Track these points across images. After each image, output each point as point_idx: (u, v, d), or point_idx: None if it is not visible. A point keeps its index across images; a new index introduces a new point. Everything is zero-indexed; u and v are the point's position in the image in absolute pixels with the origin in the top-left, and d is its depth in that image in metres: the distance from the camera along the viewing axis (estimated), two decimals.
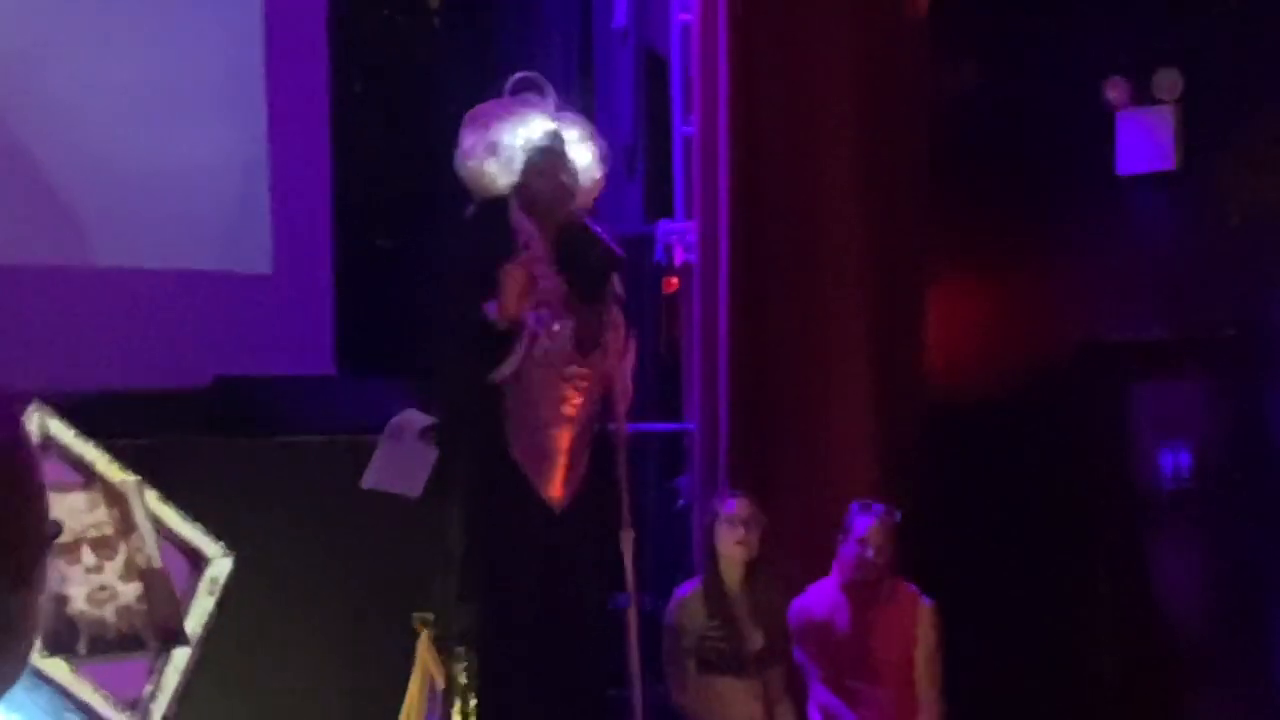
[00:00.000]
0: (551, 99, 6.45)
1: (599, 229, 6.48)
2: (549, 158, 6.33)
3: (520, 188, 6.29)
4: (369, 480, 6.65)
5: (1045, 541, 8.43)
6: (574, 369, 6.26)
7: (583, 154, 6.47)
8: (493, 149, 6.24)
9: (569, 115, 6.50)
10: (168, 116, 8.47)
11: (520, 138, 6.28)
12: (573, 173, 6.40)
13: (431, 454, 6.39)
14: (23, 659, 1.83)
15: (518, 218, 6.27)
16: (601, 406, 6.49)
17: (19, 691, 1.83)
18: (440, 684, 6.39)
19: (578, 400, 6.31)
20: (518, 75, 6.44)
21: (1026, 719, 8.32)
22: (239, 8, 8.76)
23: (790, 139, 8.19)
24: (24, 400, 5.73)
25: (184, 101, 8.54)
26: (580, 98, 8.41)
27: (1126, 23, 8.37)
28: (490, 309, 6.07)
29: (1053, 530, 8.42)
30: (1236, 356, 8.18)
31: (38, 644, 1.84)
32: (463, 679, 6.08)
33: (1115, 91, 8.37)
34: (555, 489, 6.27)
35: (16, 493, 1.78)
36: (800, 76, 8.20)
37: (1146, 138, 8.31)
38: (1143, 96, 8.35)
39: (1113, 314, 8.48)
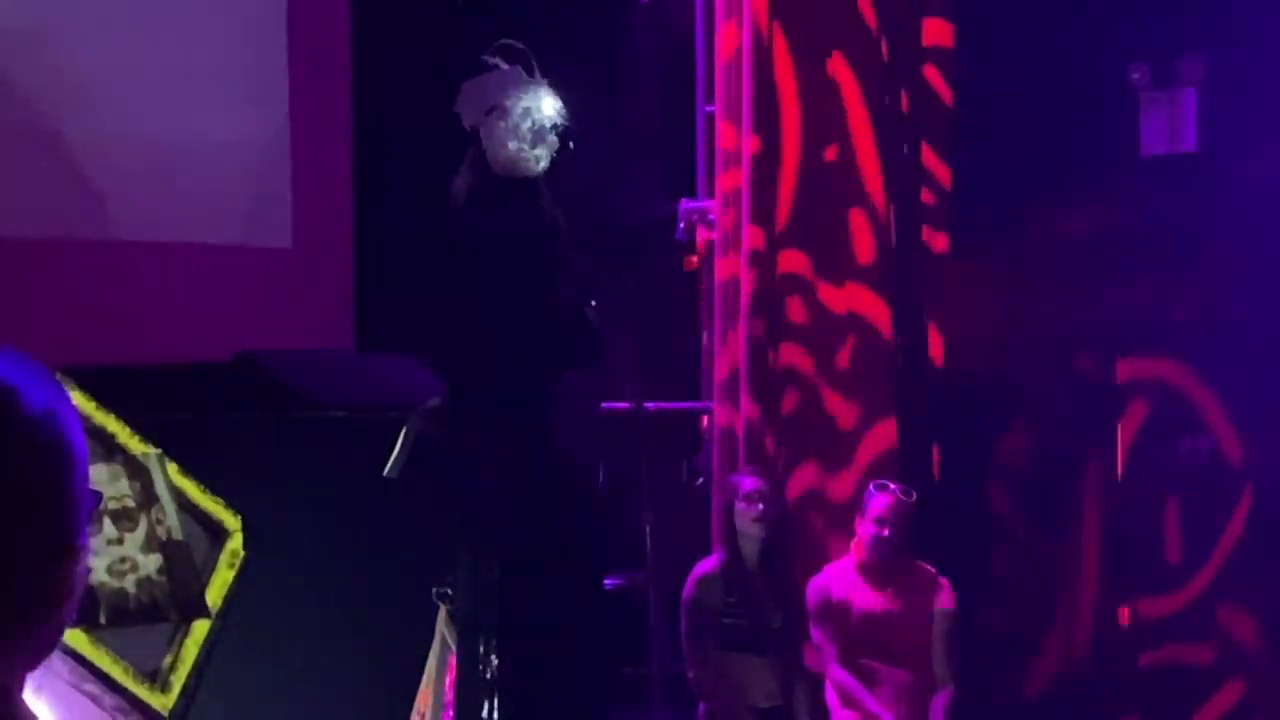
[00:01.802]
0: (535, 68, 6.37)
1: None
2: (568, 137, 6.30)
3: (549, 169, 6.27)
4: (388, 470, 6.67)
5: (1061, 522, 8.44)
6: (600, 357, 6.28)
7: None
8: (540, 136, 6.19)
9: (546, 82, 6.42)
10: (191, 91, 8.48)
11: (545, 118, 6.24)
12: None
13: (413, 433, 6.37)
14: (61, 627, 1.84)
15: (549, 202, 6.25)
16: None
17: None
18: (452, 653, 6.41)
19: (591, 378, 6.33)
20: (500, 42, 6.36)
21: (1037, 697, 8.34)
22: None
23: (813, 118, 8.19)
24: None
25: (207, 76, 8.55)
26: (603, 75, 8.41)
27: (1150, 7, 8.37)
28: (592, 313, 6.10)
29: (1070, 512, 8.43)
30: (1256, 339, 8.18)
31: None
32: (494, 666, 6.07)
33: (1139, 74, 8.38)
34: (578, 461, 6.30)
35: (58, 460, 1.79)
36: (823, 55, 8.20)
37: (1169, 120, 8.31)
38: (1166, 79, 8.35)
39: (1135, 293, 8.48)
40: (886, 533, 7.28)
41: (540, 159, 6.19)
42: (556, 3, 9.00)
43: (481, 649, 6.11)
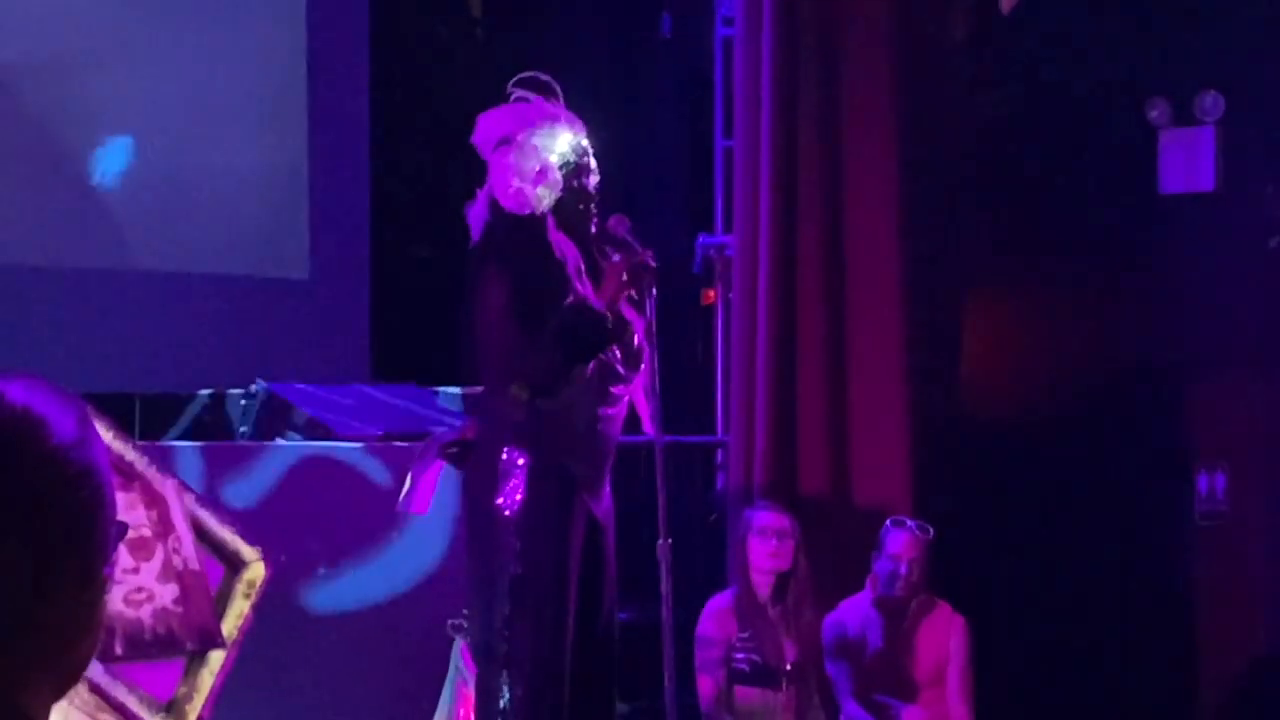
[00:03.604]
0: (561, 102, 6.34)
1: (630, 236, 6.38)
2: (584, 174, 6.26)
3: (558, 205, 6.23)
4: (401, 504, 6.67)
5: (1076, 558, 8.42)
6: (617, 387, 6.23)
7: (591, 161, 6.39)
8: (544, 175, 6.15)
9: (575, 117, 6.38)
10: (210, 122, 8.51)
11: (556, 156, 6.20)
12: (596, 183, 6.33)
13: (438, 470, 6.36)
14: (87, 656, 1.84)
15: (556, 236, 6.22)
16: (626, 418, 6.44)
17: None
18: (471, 688, 6.40)
19: (612, 411, 6.30)
20: (522, 75, 6.33)
21: None
22: (282, 15, 8.79)
23: (831, 155, 8.19)
24: None
25: (226, 107, 8.58)
26: (621, 109, 8.42)
27: (1169, 45, 8.37)
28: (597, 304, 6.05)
29: (1085, 548, 8.41)
30: (1274, 377, 8.17)
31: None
32: (504, 699, 6.04)
33: (1157, 112, 8.38)
34: (594, 497, 6.25)
35: (87, 489, 1.80)
36: (843, 91, 8.20)
37: (1188, 158, 8.31)
38: (1184, 117, 8.35)
39: (1151, 332, 8.47)
40: (903, 569, 7.27)
41: (543, 198, 6.14)
42: (575, 36, 9.02)
43: (495, 681, 6.09)
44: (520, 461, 6.06)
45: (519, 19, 9.49)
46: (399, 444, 7.07)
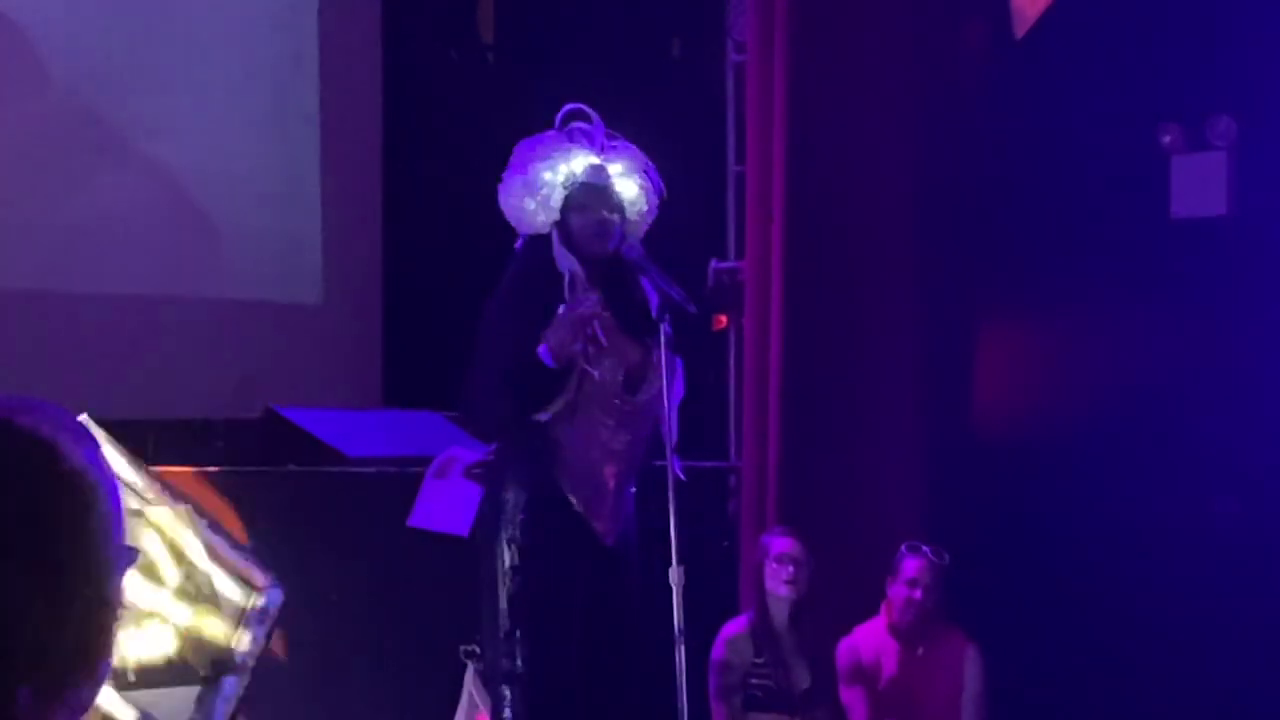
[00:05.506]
0: (600, 130, 6.37)
1: (648, 263, 6.37)
2: (589, 193, 6.25)
3: (560, 224, 6.25)
4: (415, 519, 6.66)
5: (1090, 584, 8.40)
6: (623, 406, 6.21)
7: (629, 187, 6.37)
8: (529, 187, 6.18)
9: (618, 147, 6.40)
10: (223, 147, 8.53)
11: (561, 174, 6.21)
12: (616, 206, 6.31)
13: (476, 492, 6.36)
14: (99, 681, 1.85)
15: (560, 254, 6.23)
16: (650, 443, 6.43)
17: None
18: (485, 715, 6.39)
19: (625, 437, 6.28)
20: (568, 106, 6.37)
21: None
22: (295, 40, 8.82)
23: (844, 179, 8.19)
24: None
25: (238, 132, 8.60)
26: (631, 133, 8.43)
27: (1182, 69, 8.38)
28: (543, 352, 6.02)
29: (1099, 574, 8.39)
30: None
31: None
32: (507, 716, 6.04)
33: (1170, 136, 8.38)
34: (603, 523, 6.25)
35: (97, 515, 1.80)
36: (855, 117, 8.21)
37: (1200, 182, 8.31)
38: (1197, 142, 8.35)
39: (1163, 356, 8.46)
40: (918, 595, 7.27)
41: (534, 213, 6.17)
42: (586, 61, 9.03)
43: (500, 700, 6.08)
44: (520, 483, 6.07)
45: (530, 45, 9.51)
46: (410, 468, 7.07)
